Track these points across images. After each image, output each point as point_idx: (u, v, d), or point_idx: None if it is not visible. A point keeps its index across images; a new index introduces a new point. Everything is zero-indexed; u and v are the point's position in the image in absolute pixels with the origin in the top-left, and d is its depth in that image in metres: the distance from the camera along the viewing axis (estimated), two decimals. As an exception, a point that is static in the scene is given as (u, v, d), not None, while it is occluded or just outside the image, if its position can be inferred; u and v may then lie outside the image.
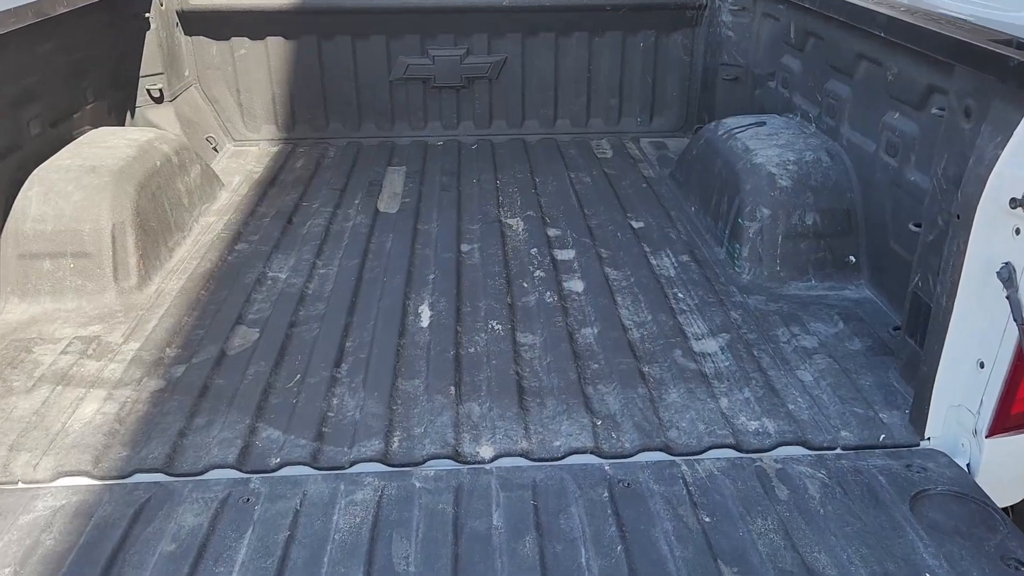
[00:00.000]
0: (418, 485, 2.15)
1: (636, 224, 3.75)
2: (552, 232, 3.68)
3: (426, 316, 2.98)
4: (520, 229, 3.71)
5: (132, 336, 2.82)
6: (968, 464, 2.24)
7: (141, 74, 4.24)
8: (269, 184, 4.21)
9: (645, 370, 2.65)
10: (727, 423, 2.40)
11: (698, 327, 2.91)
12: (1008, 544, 1.96)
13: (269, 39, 4.65)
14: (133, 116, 4.24)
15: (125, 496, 2.10)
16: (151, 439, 2.31)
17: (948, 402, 2.28)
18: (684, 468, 2.22)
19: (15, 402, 2.46)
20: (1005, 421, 2.16)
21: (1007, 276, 2.03)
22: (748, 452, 2.30)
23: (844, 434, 2.36)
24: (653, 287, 3.17)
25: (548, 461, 2.26)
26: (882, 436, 2.35)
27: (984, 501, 2.08)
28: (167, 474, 2.19)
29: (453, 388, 2.56)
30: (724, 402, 2.50)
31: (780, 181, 3.26)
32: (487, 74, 4.80)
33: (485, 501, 2.10)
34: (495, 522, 2.03)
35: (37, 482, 2.17)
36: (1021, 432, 2.18)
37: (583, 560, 1.92)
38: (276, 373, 2.63)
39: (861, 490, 2.13)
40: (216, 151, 4.59)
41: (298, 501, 2.09)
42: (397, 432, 2.36)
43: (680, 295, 3.12)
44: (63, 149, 3.33)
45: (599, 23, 4.72)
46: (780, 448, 2.32)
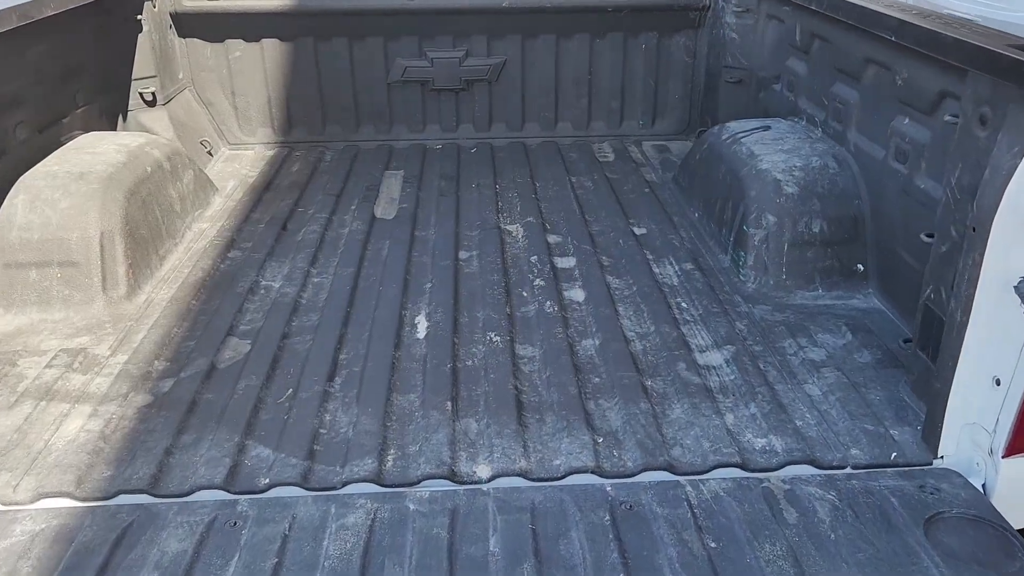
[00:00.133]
0: (412, 508, 2.07)
1: (638, 230, 3.66)
2: (552, 239, 3.60)
3: (423, 327, 2.90)
4: (520, 236, 3.63)
5: (120, 348, 2.74)
6: (983, 485, 2.16)
7: (133, 77, 4.16)
8: (264, 189, 4.13)
9: (648, 384, 2.57)
10: (733, 440, 2.32)
11: (702, 338, 2.83)
12: (1028, 572, 1.88)
13: (264, 41, 4.56)
14: (125, 120, 4.16)
15: (108, 520, 2.02)
16: (136, 458, 2.23)
17: (962, 420, 2.20)
18: (688, 489, 2.14)
19: (-3, 418, 2.39)
20: (1023, 441, 2.08)
21: (1025, 291, 1.96)
22: (755, 471, 2.22)
23: (854, 452, 2.28)
24: (656, 296, 3.09)
25: (547, 481, 2.18)
26: (893, 454, 2.27)
27: (1002, 525, 2.00)
28: (152, 495, 2.11)
29: (450, 403, 2.47)
30: (729, 418, 2.42)
31: (786, 187, 3.18)
32: (486, 76, 4.72)
33: (482, 525, 2.02)
34: (492, 548, 1.95)
35: (16, 504, 2.09)
36: (1039, 452, 2.10)
37: (583, 588, 1.84)
38: (267, 387, 2.55)
39: (873, 513, 2.05)
40: (211, 155, 4.51)
41: (287, 525, 2.01)
42: (391, 450, 2.28)
43: (684, 305, 3.04)
44: (51, 155, 3.25)
45: (600, 24, 4.63)
46: (788, 467, 2.23)
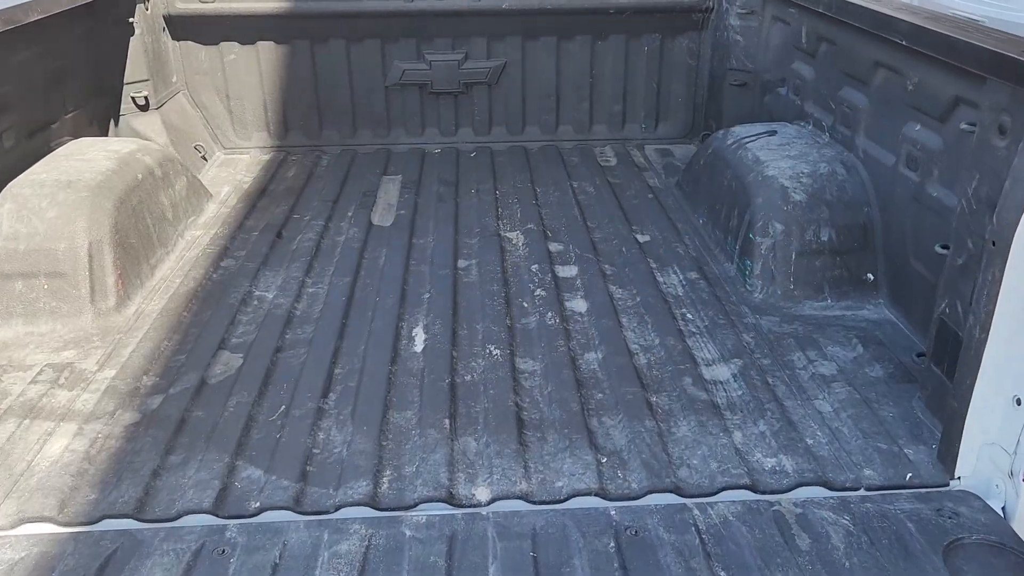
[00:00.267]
0: (408, 534, 1.98)
1: (642, 238, 3.58)
2: (554, 247, 3.51)
3: (420, 340, 2.81)
4: (520, 243, 3.54)
5: (107, 363, 2.65)
6: (1003, 508, 2.07)
7: (125, 81, 4.07)
8: (259, 195, 4.05)
9: (653, 400, 2.49)
10: (741, 460, 2.23)
11: (708, 351, 2.74)
12: (1052, 603, 1.79)
13: (260, 44, 4.48)
14: (117, 125, 4.07)
15: (91, 547, 1.94)
16: (122, 480, 2.15)
17: (981, 440, 2.11)
18: (696, 513, 2.05)
19: (-21, 438, 2.30)
20: (1045, 463, 2.00)
21: (1049, 308, 1.88)
22: (765, 493, 2.13)
23: (868, 472, 2.19)
24: (660, 307, 3.01)
25: (549, 504, 2.09)
26: (909, 475, 2.19)
27: (1024, 553, 1.92)
28: (137, 520, 2.03)
29: (448, 421, 2.39)
30: (738, 436, 2.33)
31: (793, 195, 3.09)
32: (486, 79, 4.63)
33: (481, 552, 1.93)
34: (491, 577, 1.87)
35: (-3, 529, 2.01)
36: (1061, 475, 2.01)
37: (587, 621, 1.76)
38: (259, 404, 2.47)
39: (889, 539, 1.96)
40: (205, 160, 4.42)
41: (277, 553, 1.92)
42: (387, 471, 2.20)
43: (689, 316, 2.96)
44: (38, 162, 3.16)
45: (602, 26, 4.55)
46: (799, 489, 2.15)
